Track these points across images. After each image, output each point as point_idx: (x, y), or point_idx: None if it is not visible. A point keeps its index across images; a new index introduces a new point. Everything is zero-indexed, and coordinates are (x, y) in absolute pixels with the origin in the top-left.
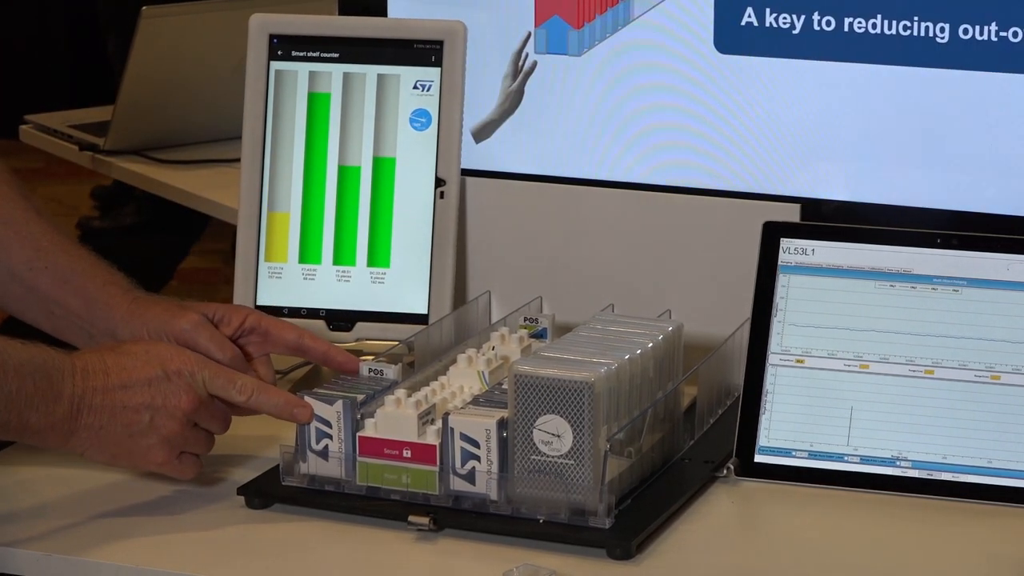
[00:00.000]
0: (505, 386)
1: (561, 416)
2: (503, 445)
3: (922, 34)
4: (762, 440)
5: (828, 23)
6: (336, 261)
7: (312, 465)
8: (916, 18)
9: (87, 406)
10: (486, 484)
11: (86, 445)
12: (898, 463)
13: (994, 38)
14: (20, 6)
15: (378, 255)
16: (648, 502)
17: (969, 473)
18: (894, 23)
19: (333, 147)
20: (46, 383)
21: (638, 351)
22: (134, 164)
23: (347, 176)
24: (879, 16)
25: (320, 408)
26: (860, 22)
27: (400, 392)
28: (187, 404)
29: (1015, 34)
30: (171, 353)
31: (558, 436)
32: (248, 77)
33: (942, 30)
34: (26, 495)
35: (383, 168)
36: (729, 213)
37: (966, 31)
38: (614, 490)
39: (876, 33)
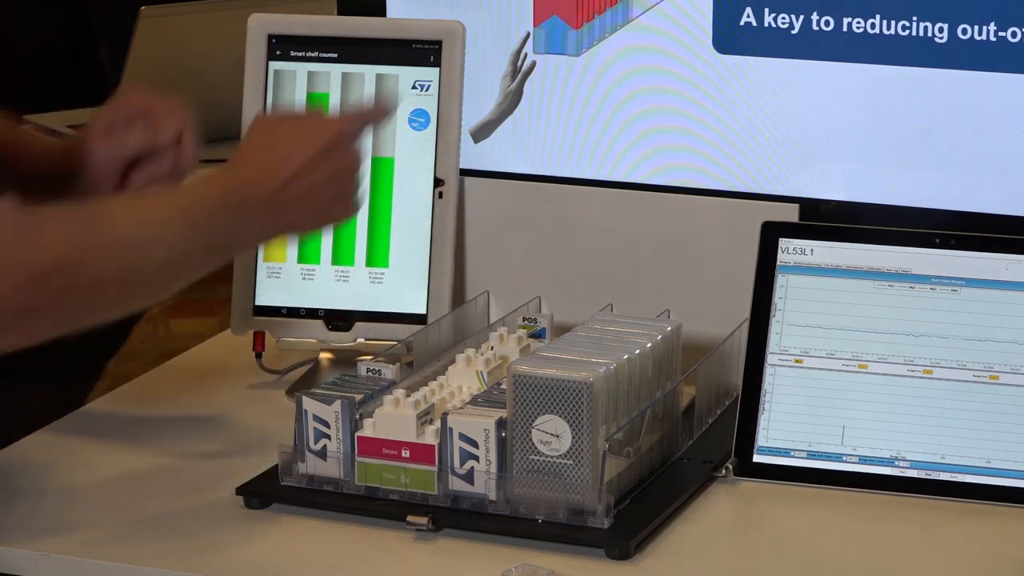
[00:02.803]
0: (504, 386)
1: (560, 416)
2: (502, 445)
3: (921, 34)
4: (761, 440)
5: (827, 23)
6: (335, 261)
7: (310, 465)
8: (915, 18)
9: (280, 205)
10: (485, 484)
11: (291, 231)
12: (896, 463)
13: (993, 38)
14: (20, 7)
15: (377, 255)
16: (647, 502)
17: (967, 473)
18: (893, 23)
19: None
20: (237, 209)
21: (637, 351)
22: None
23: None
24: (878, 16)
25: (318, 408)
26: (859, 22)
27: (399, 392)
28: (354, 163)
29: (1014, 34)
30: (317, 126)
31: (557, 436)
32: (247, 77)
33: (941, 30)
34: (26, 495)
35: (382, 168)
36: (728, 213)
37: (965, 31)
38: (613, 490)
39: (875, 33)
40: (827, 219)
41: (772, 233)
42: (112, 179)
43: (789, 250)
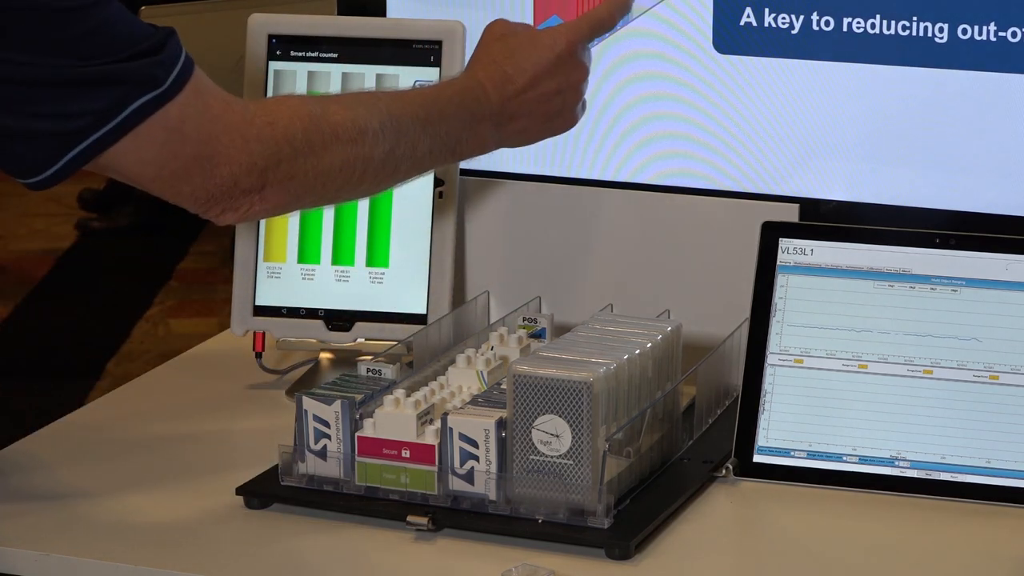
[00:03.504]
0: (504, 386)
1: (560, 416)
2: (502, 445)
3: (921, 34)
4: (761, 440)
5: (827, 23)
6: (335, 261)
7: (311, 465)
8: (915, 18)
9: (507, 116)
10: (485, 484)
11: (512, 143)
12: (897, 463)
13: (993, 38)
14: None
15: (377, 255)
16: (647, 502)
17: (968, 473)
18: (893, 23)
19: None
20: (468, 114)
21: (637, 351)
22: None
23: None
24: (878, 16)
25: (319, 408)
26: (859, 22)
27: (399, 392)
28: (584, 74)
29: (1014, 34)
30: (550, 37)
31: (557, 436)
32: (247, 77)
33: (941, 30)
34: (26, 495)
35: None
36: (728, 213)
37: (965, 31)
38: (613, 490)
39: (875, 33)
40: (827, 219)
41: (772, 233)
42: None
43: (789, 250)
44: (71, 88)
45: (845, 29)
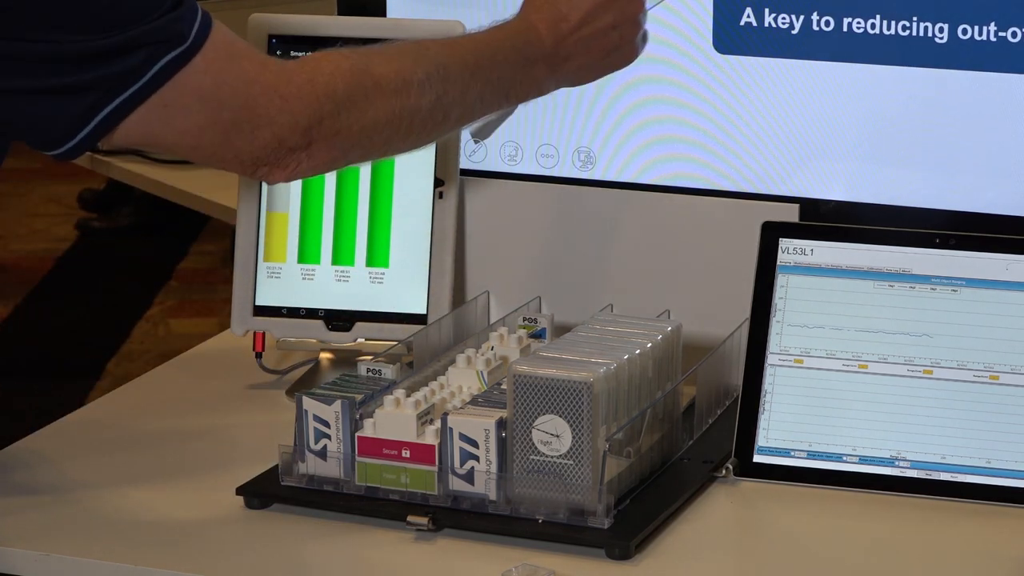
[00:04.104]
0: (504, 386)
1: (560, 416)
2: (502, 445)
3: (921, 34)
4: (761, 440)
5: (827, 23)
6: (335, 261)
7: (311, 465)
8: (915, 18)
9: (562, 56)
10: (485, 484)
11: (571, 83)
12: (897, 463)
13: (993, 38)
14: None
15: (377, 255)
16: (647, 502)
17: (968, 473)
18: (893, 23)
19: None
20: (521, 57)
21: (637, 351)
22: (133, 164)
23: (346, 176)
24: (878, 16)
25: (319, 408)
26: (859, 22)
27: (399, 392)
28: (640, 5)
29: (1014, 34)
30: None
31: (557, 436)
32: None
33: (941, 30)
34: (26, 495)
35: (382, 168)
36: (728, 213)
37: (965, 31)
38: (613, 490)
39: (875, 34)
40: (827, 219)
41: (772, 233)
42: None
43: (789, 250)
44: (95, 60)
45: (845, 29)
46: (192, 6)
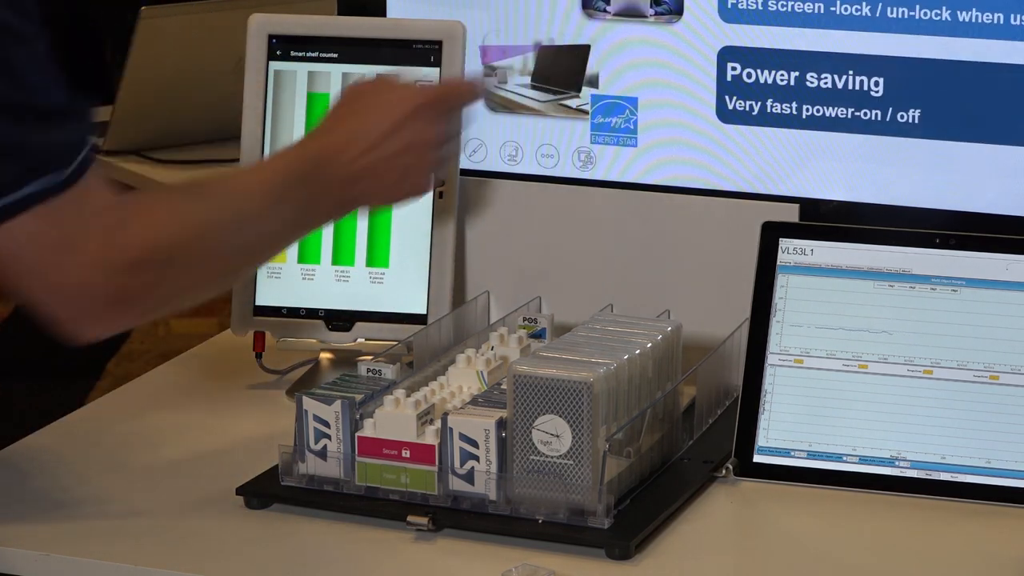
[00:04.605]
0: (504, 386)
1: (560, 416)
2: (502, 445)
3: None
4: (761, 440)
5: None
6: (335, 261)
7: (311, 465)
8: (916, 16)
9: (352, 180)
10: (485, 484)
11: (362, 205)
12: (897, 463)
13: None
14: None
15: (377, 255)
16: (647, 502)
17: (968, 473)
18: (894, 24)
19: None
20: (313, 187)
21: (637, 351)
22: (133, 164)
23: None
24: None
25: (319, 408)
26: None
27: (399, 392)
28: (436, 132)
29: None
30: (398, 95)
31: (557, 436)
32: (247, 77)
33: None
34: (26, 495)
35: None
36: (728, 213)
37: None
38: (613, 490)
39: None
40: (827, 219)
41: (772, 233)
42: None
43: (789, 250)
44: None
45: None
46: (83, 135)
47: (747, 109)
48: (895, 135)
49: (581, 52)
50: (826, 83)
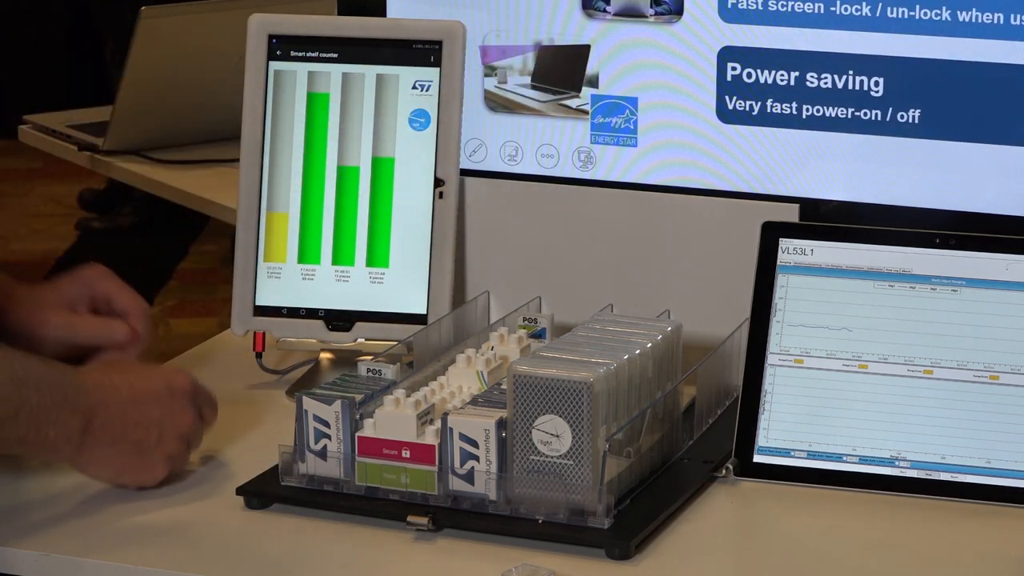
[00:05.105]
0: (504, 386)
1: (560, 416)
2: (502, 445)
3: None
4: (761, 440)
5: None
6: (335, 261)
7: (311, 465)
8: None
9: (100, 421)
10: (485, 484)
11: (95, 459)
12: (897, 463)
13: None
14: (19, 6)
15: (377, 255)
16: (647, 502)
17: (968, 473)
18: (894, 24)
19: (332, 147)
20: (62, 396)
21: (637, 351)
22: (133, 164)
23: (346, 176)
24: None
25: (319, 408)
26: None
27: (399, 392)
28: (190, 420)
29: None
30: (174, 374)
31: (557, 436)
32: (247, 77)
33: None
34: (26, 495)
35: (382, 168)
36: (728, 213)
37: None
38: (613, 490)
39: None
40: (827, 219)
41: (772, 233)
42: (63, 354)
43: (789, 250)
44: None
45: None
46: None
47: (747, 109)
48: (895, 135)
49: (581, 52)
50: (826, 83)
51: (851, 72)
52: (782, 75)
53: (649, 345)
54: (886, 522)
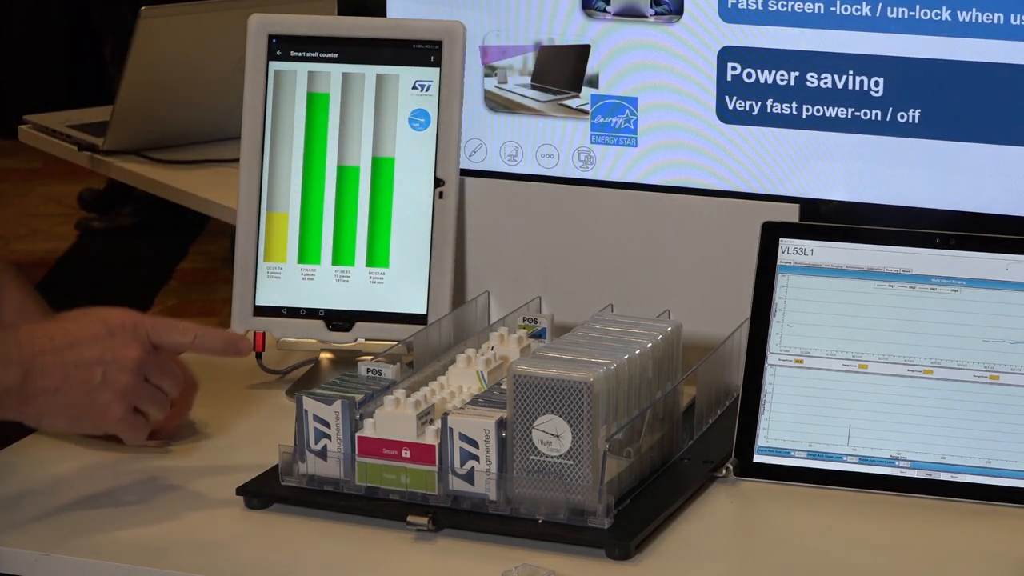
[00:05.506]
0: (504, 386)
1: (560, 416)
2: (502, 445)
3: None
4: (761, 440)
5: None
6: (335, 261)
7: (311, 465)
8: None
9: (38, 369)
10: (485, 484)
11: (44, 410)
12: (897, 463)
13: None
14: (18, 6)
15: (377, 255)
16: (647, 502)
17: (968, 473)
18: (895, 24)
19: (332, 147)
20: None
21: (637, 351)
22: (133, 164)
23: (346, 176)
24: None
25: (319, 408)
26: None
27: (399, 392)
28: (136, 354)
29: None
30: (109, 311)
31: (557, 436)
32: (247, 77)
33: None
34: (26, 495)
35: (382, 168)
36: (728, 213)
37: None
38: (613, 490)
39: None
40: (827, 219)
41: (772, 233)
42: None
43: (789, 250)
44: None
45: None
46: None
47: (747, 109)
48: (895, 135)
49: (581, 52)
50: (826, 83)
51: (851, 72)
52: (782, 75)
53: (649, 345)
54: (886, 522)
